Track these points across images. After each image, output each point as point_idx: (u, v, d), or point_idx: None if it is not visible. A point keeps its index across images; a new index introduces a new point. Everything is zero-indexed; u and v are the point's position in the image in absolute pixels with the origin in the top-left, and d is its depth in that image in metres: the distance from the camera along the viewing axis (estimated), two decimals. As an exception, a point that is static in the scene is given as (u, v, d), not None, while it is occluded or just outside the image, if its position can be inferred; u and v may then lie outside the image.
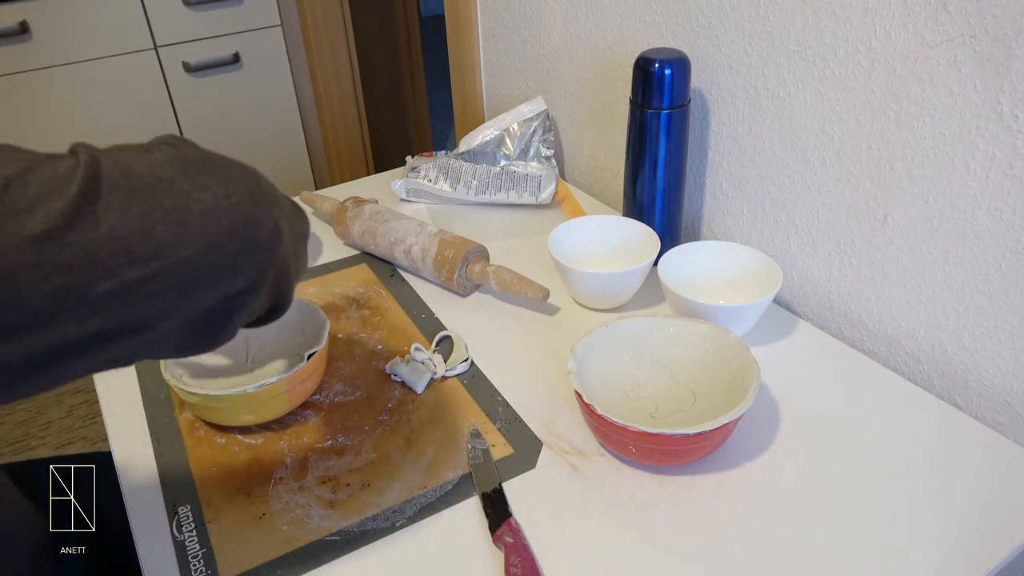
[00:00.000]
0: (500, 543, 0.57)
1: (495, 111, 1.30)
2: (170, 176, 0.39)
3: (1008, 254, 0.64)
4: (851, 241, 0.76)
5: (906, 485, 0.61)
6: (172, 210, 0.38)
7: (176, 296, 0.39)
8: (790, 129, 0.78)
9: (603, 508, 0.60)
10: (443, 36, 1.35)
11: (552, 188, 1.05)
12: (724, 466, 0.63)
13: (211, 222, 0.39)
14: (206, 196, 0.39)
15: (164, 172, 0.39)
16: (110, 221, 0.36)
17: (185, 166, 0.40)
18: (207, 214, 0.39)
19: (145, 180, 0.38)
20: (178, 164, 0.40)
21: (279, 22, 1.94)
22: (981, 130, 0.62)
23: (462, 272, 0.85)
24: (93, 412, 1.81)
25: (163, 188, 0.38)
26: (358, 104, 2.17)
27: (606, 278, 0.80)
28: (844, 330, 0.81)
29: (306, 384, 0.69)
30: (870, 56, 0.68)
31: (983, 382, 0.70)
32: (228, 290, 0.42)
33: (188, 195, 0.39)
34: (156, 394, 0.74)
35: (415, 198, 1.08)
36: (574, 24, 1.04)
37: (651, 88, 0.79)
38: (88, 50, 1.73)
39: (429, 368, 0.74)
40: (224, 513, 0.61)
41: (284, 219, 0.45)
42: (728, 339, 0.67)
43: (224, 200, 0.40)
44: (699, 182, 0.92)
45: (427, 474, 0.64)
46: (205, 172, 0.40)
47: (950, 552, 0.55)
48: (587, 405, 0.61)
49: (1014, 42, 0.58)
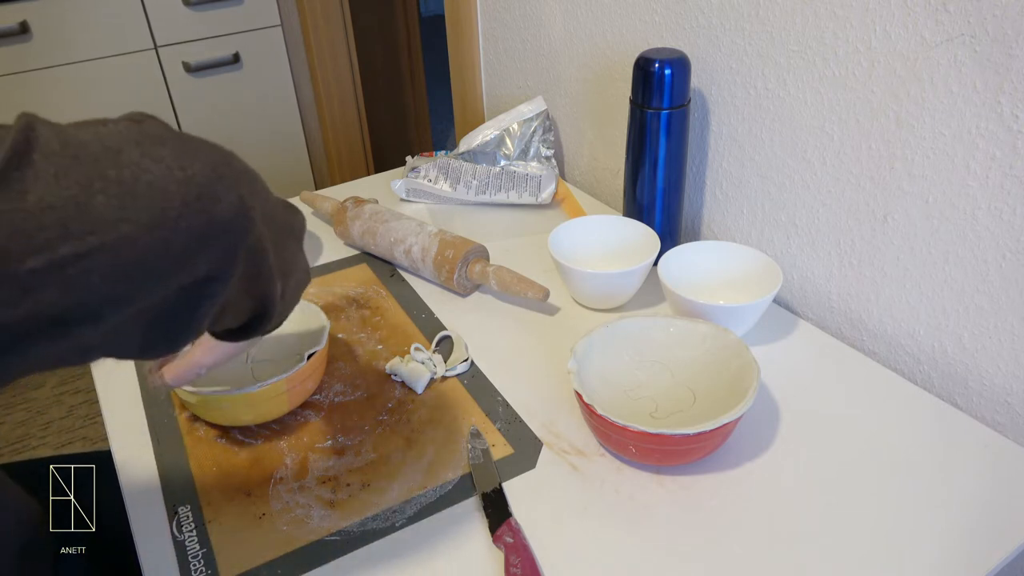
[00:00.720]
0: (500, 543, 0.57)
1: (495, 111, 1.30)
2: (118, 146, 0.34)
3: (1008, 254, 0.64)
4: (851, 241, 0.76)
5: (906, 485, 0.61)
6: (115, 180, 0.33)
7: (123, 280, 0.34)
8: (790, 129, 0.78)
9: (603, 508, 0.60)
10: (443, 36, 1.35)
11: (552, 188, 1.05)
12: (724, 466, 0.63)
13: (160, 194, 0.34)
14: (158, 168, 0.35)
15: (112, 142, 0.34)
16: (39, 190, 0.31)
17: (140, 138, 0.35)
18: (155, 185, 0.34)
19: (88, 149, 0.33)
20: (132, 135, 0.35)
21: (279, 22, 1.94)
22: (981, 130, 0.62)
23: (462, 272, 0.85)
24: (93, 412, 1.81)
25: (108, 157, 0.33)
26: (358, 104, 2.17)
27: (606, 278, 0.80)
28: (844, 330, 0.81)
29: (306, 384, 0.69)
30: (870, 56, 0.68)
31: (983, 382, 0.69)
32: (186, 277, 0.37)
33: (137, 165, 0.34)
34: (156, 394, 0.74)
35: (415, 198, 1.08)
36: (574, 24, 1.04)
37: (651, 88, 0.79)
38: (88, 50, 1.73)
39: (429, 368, 0.74)
40: (224, 513, 0.61)
41: (256, 200, 0.40)
42: (728, 339, 0.67)
43: (179, 171, 0.35)
44: (699, 182, 0.92)
45: (427, 474, 0.64)
46: (161, 144, 0.36)
47: (950, 552, 0.55)
48: (587, 405, 0.61)
49: (1014, 42, 0.58)
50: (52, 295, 0.32)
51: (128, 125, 0.37)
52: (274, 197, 0.44)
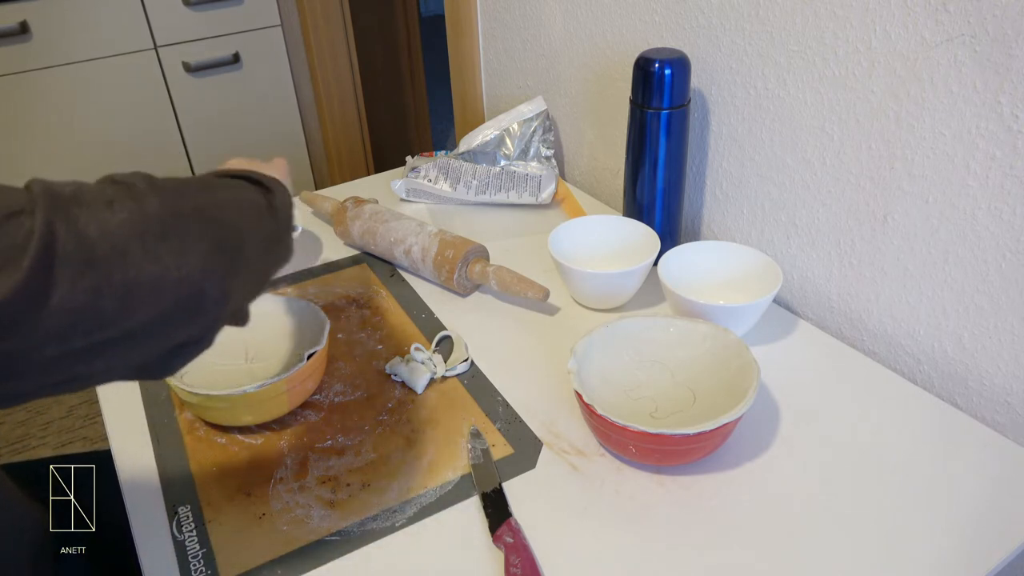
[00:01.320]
0: (500, 543, 0.57)
1: (495, 111, 1.30)
2: (123, 246, 0.39)
3: (1008, 254, 0.64)
4: (851, 241, 0.76)
5: (906, 485, 0.61)
6: (120, 284, 0.39)
7: (120, 355, 0.41)
8: (790, 129, 0.78)
9: (603, 508, 0.60)
10: (443, 36, 1.35)
11: (552, 188, 1.05)
12: (724, 466, 0.63)
13: (158, 295, 0.41)
14: (156, 268, 0.41)
15: (118, 240, 0.39)
16: (59, 295, 0.37)
17: (142, 229, 0.41)
18: (155, 288, 0.41)
19: (98, 250, 0.39)
20: (136, 227, 0.40)
21: (279, 22, 1.93)
22: (981, 130, 0.62)
23: (462, 272, 0.85)
24: (93, 412, 1.81)
25: (115, 259, 0.39)
26: (358, 104, 2.17)
27: (606, 278, 0.80)
28: (844, 330, 0.81)
29: (306, 384, 0.69)
30: (870, 56, 0.68)
31: (983, 382, 0.69)
32: (172, 343, 0.44)
33: (139, 268, 0.40)
34: (156, 394, 0.74)
35: (415, 198, 1.08)
36: (574, 24, 1.04)
37: (651, 88, 0.79)
38: (88, 50, 1.73)
39: (429, 368, 0.74)
40: (224, 513, 0.61)
41: (238, 281, 0.47)
42: (728, 339, 0.67)
43: (175, 271, 0.41)
44: (699, 182, 0.92)
45: (427, 474, 0.64)
46: (161, 239, 0.41)
47: (950, 552, 0.55)
48: (587, 405, 0.61)
49: (1014, 42, 0.58)
50: (62, 371, 0.39)
51: (132, 211, 0.41)
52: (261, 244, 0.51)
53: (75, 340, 0.38)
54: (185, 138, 1.92)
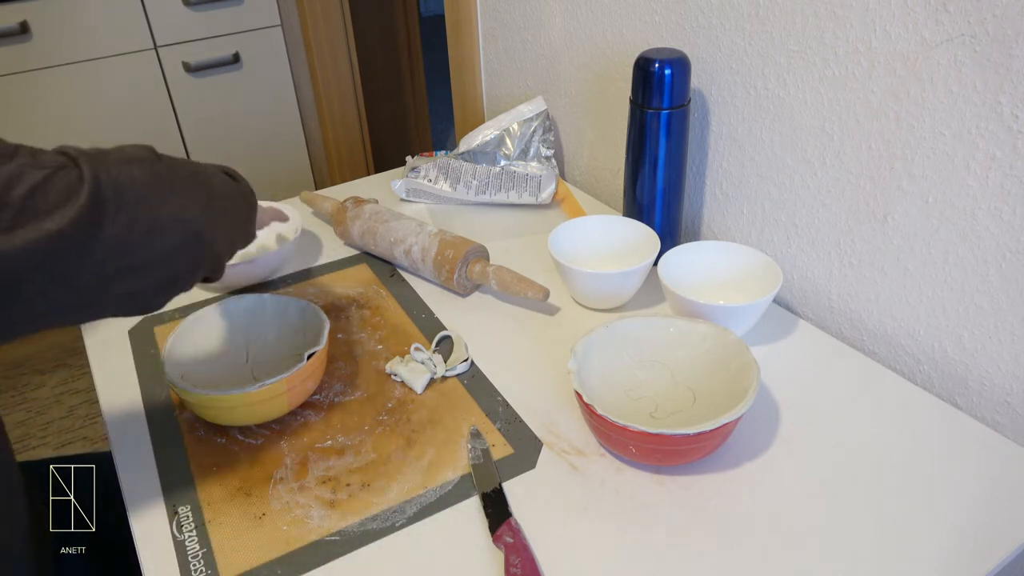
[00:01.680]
0: (500, 543, 0.57)
1: (495, 111, 1.30)
2: (146, 193, 0.50)
3: (1008, 254, 0.64)
4: (851, 241, 0.76)
5: (906, 485, 0.61)
6: (145, 221, 0.50)
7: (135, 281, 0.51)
8: (790, 129, 0.78)
9: (603, 508, 0.60)
10: (443, 36, 1.35)
11: (552, 188, 1.05)
12: (724, 466, 0.63)
13: (171, 231, 0.52)
14: (168, 208, 0.52)
15: (141, 188, 0.50)
16: (105, 226, 0.47)
17: (157, 182, 0.51)
18: (169, 225, 0.52)
19: (128, 195, 0.49)
20: (153, 180, 0.51)
21: (279, 22, 1.93)
22: (981, 130, 0.62)
23: (462, 272, 0.85)
24: (93, 412, 1.81)
25: (140, 202, 0.49)
26: (358, 104, 2.17)
27: (606, 278, 0.80)
28: (844, 330, 0.81)
29: (306, 384, 0.69)
30: (870, 56, 0.68)
31: (983, 382, 0.69)
32: (169, 274, 0.54)
33: (158, 209, 0.51)
34: (156, 394, 0.74)
35: (415, 198, 1.08)
36: (574, 24, 1.04)
37: (651, 88, 0.79)
38: (88, 50, 1.73)
39: (429, 368, 0.74)
40: (224, 513, 0.61)
41: (223, 231, 0.59)
42: (728, 339, 0.67)
43: (182, 213, 0.53)
44: (699, 182, 0.92)
45: (427, 474, 0.64)
46: (171, 190, 0.52)
47: (950, 552, 0.55)
48: (587, 405, 0.61)
49: (1014, 42, 0.58)
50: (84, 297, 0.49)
51: (148, 169, 0.52)
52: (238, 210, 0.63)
53: (107, 266, 0.48)
54: (185, 138, 1.92)
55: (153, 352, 0.79)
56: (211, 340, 0.74)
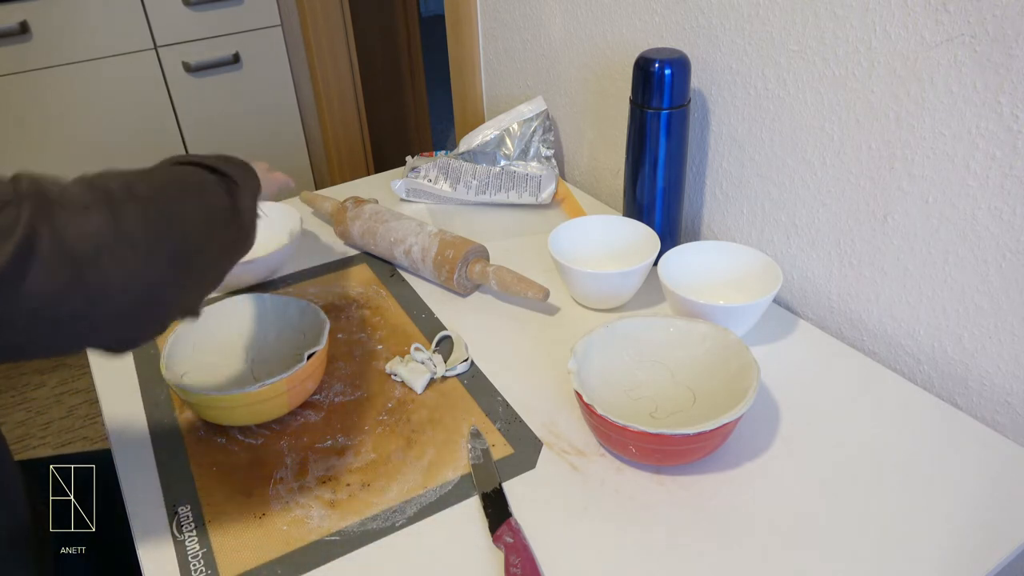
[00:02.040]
0: (500, 543, 0.57)
1: (495, 111, 1.30)
2: (95, 252, 0.44)
3: (1008, 254, 0.64)
4: (851, 241, 0.76)
5: (906, 485, 0.61)
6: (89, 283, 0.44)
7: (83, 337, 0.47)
8: (790, 129, 0.78)
9: (603, 508, 0.60)
10: (443, 36, 1.35)
11: (552, 188, 1.05)
12: (724, 466, 0.63)
13: (121, 296, 0.46)
14: (121, 273, 0.45)
15: (91, 246, 0.44)
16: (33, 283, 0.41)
17: (114, 237, 0.45)
18: (120, 289, 0.46)
19: (74, 252, 0.43)
20: (108, 235, 0.45)
21: (279, 22, 1.93)
22: (981, 130, 0.62)
23: (462, 272, 0.85)
24: (93, 412, 1.81)
25: (88, 262, 0.44)
26: (358, 104, 2.17)
27: (606, 278, 0.80)
28: (844, 330, 0.81)
29: (306, 384, 0.69)
30: (870, 56, 0.68)
31: (983, 382, 0.69)
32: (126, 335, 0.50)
33: (107, 270, 0.45)
34: (156, 394, 0.74)
35: (415, 198, 1.08)
36: (574, 24, 1.04)
37: (651, 88, 0.79)
38: (88, 50, 1.73)
39: (429, 368, 0.74)
40: (224, 513, 0.61)
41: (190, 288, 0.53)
42: (728, 339, 0.67)
43: (137, 278, 0.47)
44: (699, 182, 0.92)
45: (427, 474, 0.64)
46: (130, 247, 0.46)
47: (950, 552, 0.55)
48: (587, 405, 0.61)
49: (1014, 42, 0.58)
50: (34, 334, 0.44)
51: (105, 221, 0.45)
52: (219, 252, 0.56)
53: (43, 317, 0.43)
54: (185, 138, 1.92)
55: (153, 352, 0.79)
56: (211, 340, 0.74)
